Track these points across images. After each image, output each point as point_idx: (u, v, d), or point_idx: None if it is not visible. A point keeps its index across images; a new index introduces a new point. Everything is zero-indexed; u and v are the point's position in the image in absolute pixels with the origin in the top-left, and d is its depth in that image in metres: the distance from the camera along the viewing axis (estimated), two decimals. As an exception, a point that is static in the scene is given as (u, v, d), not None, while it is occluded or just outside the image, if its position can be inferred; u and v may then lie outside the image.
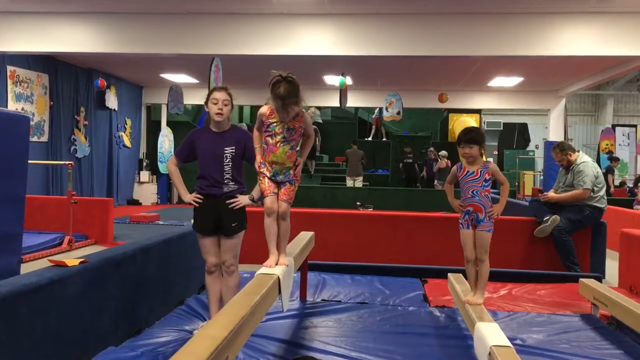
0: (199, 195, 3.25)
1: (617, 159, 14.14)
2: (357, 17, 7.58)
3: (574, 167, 5.45)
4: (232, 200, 3.22)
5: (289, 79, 2.70)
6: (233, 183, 3.24)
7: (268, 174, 2.86)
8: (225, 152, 3.22)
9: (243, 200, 3.24)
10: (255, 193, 3.23)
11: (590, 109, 21.53)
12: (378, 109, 17.24)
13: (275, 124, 2.81)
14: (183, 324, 3.47)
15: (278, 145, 2.81)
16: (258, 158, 2.90)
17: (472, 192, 3.14)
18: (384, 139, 18.05)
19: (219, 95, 3.22)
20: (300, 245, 3.54)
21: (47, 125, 10.27)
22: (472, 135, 3.19)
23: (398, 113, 12.17)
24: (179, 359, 1.64)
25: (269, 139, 2.83)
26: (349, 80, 10.47)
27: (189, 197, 3.28)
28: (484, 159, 3.23)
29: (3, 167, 3.73)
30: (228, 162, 3.22)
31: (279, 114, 2.78)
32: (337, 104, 11.09)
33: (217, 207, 3.22)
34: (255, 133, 2.95)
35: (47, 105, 10.27)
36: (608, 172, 12.94)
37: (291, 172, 2.89)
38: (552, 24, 7.31)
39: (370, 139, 18.00)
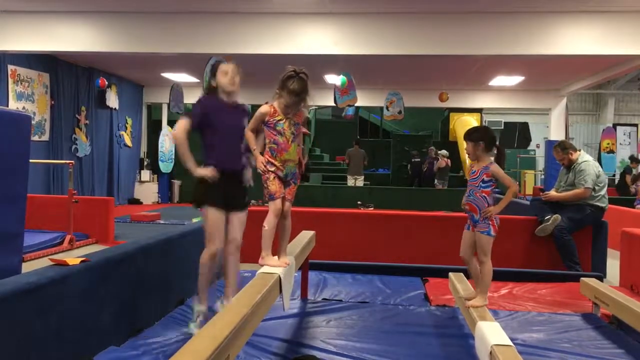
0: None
1: (638, 161, 13.84)
2: (358, 16, 7.58)
3: (575, 166, 5.44)
4: (245, 177, 3.26)
5: (301, 74, 2.73)
6: (245, 157, 3.23)
7: (280, 174, 2.85)
8: (243, 125, 3.14)
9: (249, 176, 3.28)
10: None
11: (591, 108, 21.49)
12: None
13: (281, 122, 2.81)
14: (184, 323, 3.47)
15: (290, 142, 2.83)
16: (261, 158, 2.86)
17: (470, 190, 3.16)
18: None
19: (228, 67, 3.20)
20: (301, 244, 3.54)
21: (48, 124, 10.27)
22: (471, 134, 3.22)
23: (399, 112, 12.14)
24: (180, 358, 1.64)
25: (278, 138, 2.82)
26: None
27: (203, 171, 3.11)
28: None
29: (4, 166, 3.73)
30: (242, 135, 3.11)
31: (289, 109, 2.79)
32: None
33: (234, 180, 3.19)
34: (250, 134, 2.89)
35: (48, 104, 10.27)
36: (626, 172, 12.88)
37: (297, 170, 2.92)
38: (553, 23, 7.31)
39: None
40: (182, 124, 3.15)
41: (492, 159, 3.15)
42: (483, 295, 3.11)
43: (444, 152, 14.05)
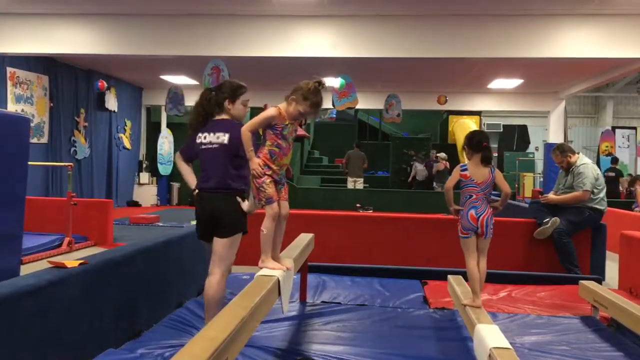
0: None
1: (616, 160, 14.01)
2: (356, 18, 7.59)
3: (573, 169, 5.45)
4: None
5: (322, 86, 2.85)
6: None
7: (276, 177, 2.84)
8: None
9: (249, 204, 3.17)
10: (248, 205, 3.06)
11: (590, 111, 21.52)
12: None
13: (287, 127, 2.82)
14: (182, 326, 3.46)
15: (290, 147, 2.87)
16: (258, 161, 2.81)
17: None
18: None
19: (248, 97, 3.18)
20: (300, 246, 3.54)
21: (47, 126, 10.27)
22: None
23: (398, 115, 12.15)
24: (178, 361, 1.64)
25: (282, 142, 2.81)
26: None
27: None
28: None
29: (3, 168, 3.73)
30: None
31: (301, 117, 2.88)
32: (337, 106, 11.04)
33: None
34: (249, 135, 2.81)
35: (47, 106, 10.26)
36: (618, 175, 12.88)
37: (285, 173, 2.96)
38: (552, 26, 7.32)
39: None
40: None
41: (475, 160, 3.25)
42: (469, 294, 3.24)
43: (442, 154, 14.07)
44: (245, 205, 3.03)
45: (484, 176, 3.19)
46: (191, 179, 3.21)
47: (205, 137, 3.08)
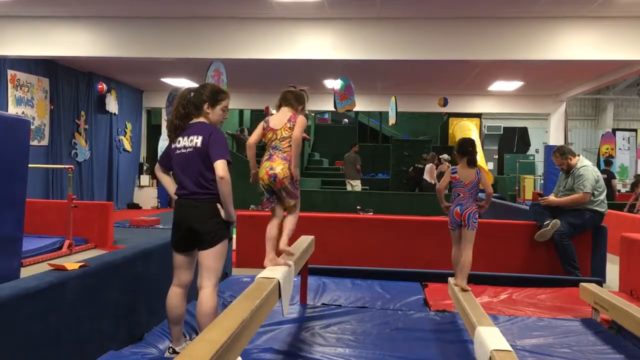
0: None
1: (609, 162, 14.02)
2: (357, 21, 7.59)
3: (574, 171, 5.44)
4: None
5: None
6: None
7: None
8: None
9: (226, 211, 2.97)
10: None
11: (590, 113, 21.54)
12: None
13: None
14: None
15: None
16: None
17: None
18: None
19: (228, 103, 3.05)
20: (300, 249, 3.54)
21: (48, 129, 10.27)
22: None
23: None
24: (178, 363, 1.64)
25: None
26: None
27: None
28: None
29: (3, 170, 3.73)
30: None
31: None
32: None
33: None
34: (301, 141, 3.08)
35: (48, 109, 10.27)
36: (610, 177, 12.84)
37: None
38: (552, 28, 7.31)
39: None
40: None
41: (463, 163, 3.78)
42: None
43: (445, 156, 14.06)
44: (223, 212, 2.86)
45: (471, 177, 3.70)
46: (172, 189, 3.04)
47: (179, 142, 2.94)
